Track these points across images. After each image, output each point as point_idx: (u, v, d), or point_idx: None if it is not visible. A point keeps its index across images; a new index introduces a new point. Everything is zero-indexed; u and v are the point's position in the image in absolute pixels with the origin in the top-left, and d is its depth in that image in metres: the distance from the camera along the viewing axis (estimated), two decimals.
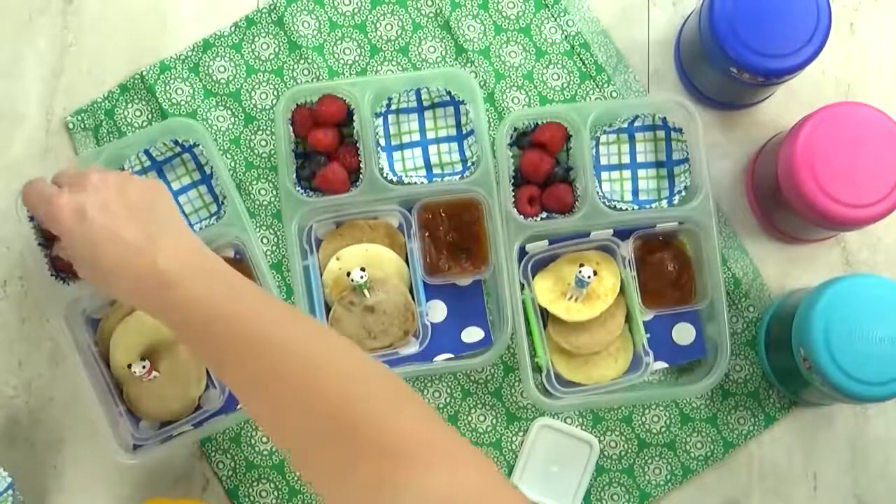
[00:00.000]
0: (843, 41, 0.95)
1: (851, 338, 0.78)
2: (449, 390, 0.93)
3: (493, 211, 0.88)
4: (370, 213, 0.90)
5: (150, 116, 0.94)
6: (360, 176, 0.88)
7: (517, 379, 0.92)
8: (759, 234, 0.94)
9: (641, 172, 0.93)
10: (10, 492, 0.83)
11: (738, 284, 0.93)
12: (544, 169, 0.89)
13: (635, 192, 0.93)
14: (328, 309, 0.89)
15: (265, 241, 0.93)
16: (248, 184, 0.94)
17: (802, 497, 0.92)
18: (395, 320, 0.88)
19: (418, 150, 0.93)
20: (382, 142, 0.91)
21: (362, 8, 0.96)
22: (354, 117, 0.89)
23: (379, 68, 0.95)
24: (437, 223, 0.89)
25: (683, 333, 0.91)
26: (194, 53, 0.95)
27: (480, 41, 0.95)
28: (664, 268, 0.90)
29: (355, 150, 0.89)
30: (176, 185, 0.92)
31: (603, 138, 0.92)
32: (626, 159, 0.93)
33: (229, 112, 0.94)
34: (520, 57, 0.95)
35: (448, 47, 0.95)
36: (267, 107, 0.95)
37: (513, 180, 0.89)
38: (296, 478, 0.92)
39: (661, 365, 0.91)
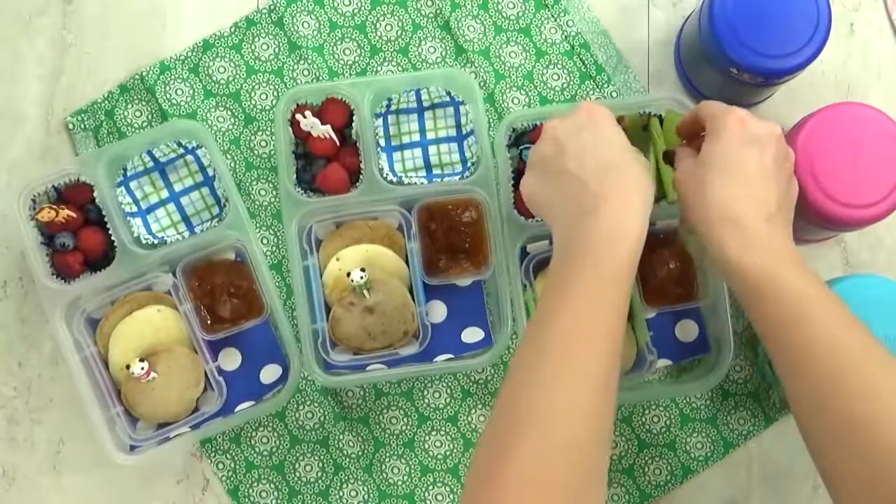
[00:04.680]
0: (843, 41, 0.95)
1: None
2: (449, 390, 0.93)
3: (493, 211, 0.88)
4: (370, 214, 0.90)
5: (149, 117, 0.94)
6: (360, 176, 0.88)
7: None
8: None
9: None
10: None
11: None
12: None
13: None
14: (328, 309, 0.89)
15: (265, 241, 0.93)
16: (248, 184, 0.94)
17: (802, 497, 0.92)
18: (395, 321, 0.88)
19: (418, 151, 0.93)
20: (382, 142, 0.91)
21: (362, 8, 0.96)
22: (354, 118, 0.89)
23: (379, 69, 0.95)
24: (437, 224, 0.89)
25: (687, 330, 0.91)
26: (194, 54, 0.95)
27: (480, 41, 0.95)
28: (666, 265, 0.90)
29: (355, 151, 0.89)
30: (178, 187, 0.92)
31: None
32: None
33: (229, 112, 0.94)
34: (520, 57, 0.95)
35: (448, 47, 0.95)
36: (267, 107, 0.95)
37: (513, 180, 0.89)
38: (296, 478, 0.92)
39: (666, 362, 0.91)
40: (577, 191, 0.72)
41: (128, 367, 0.85)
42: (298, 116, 0.86)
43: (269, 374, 0.90)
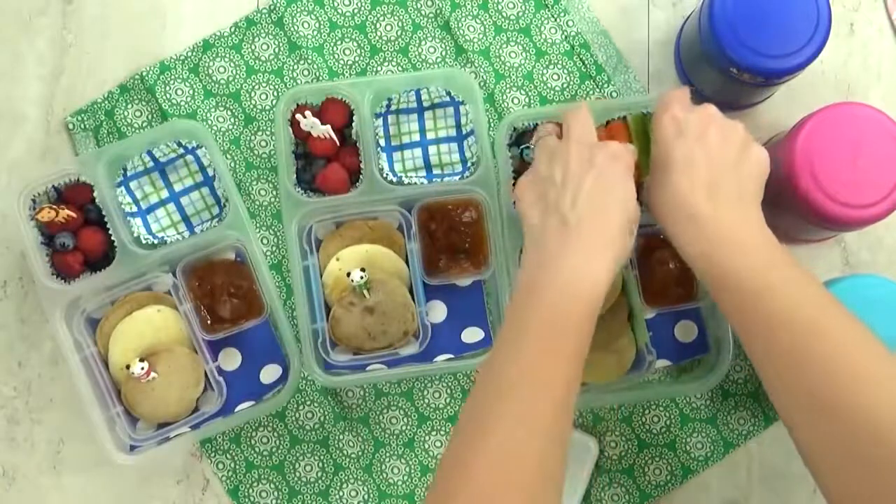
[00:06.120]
0: (843, 41, 0.95)
1: None
2: (449, 390, 0.93)
3: (493, 211, 0.88)
4: (370, 214, 0.90)
5: (149, 117, 0.94)
6: (360, 176, 0.88)
7: None
8: None
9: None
10: None
11: None
12: None
13: None
14: (328, 309, 0.89)
15: (265, 241, 0.93)
16: (247, 184, 0.94)
17: (802, 497, 0.92)
18: (395, 321, 0.88)
19: (418, 151, 0.93)
20: (382, 142, 0.91)
21: (362, 8, 0.96)
22: (354, 118, 0.89)
23: (379, 69, 0.95)
24: (437, 224, 0.89)
25: (686, 331, 0.91)
26: (194, 54, 0.95)
27: (480, 41, 0.95)
28: (665, 266, 0.90)
29: (355, 151, 0.89)
30: (178, 187, 0.92)
31: None
32: None
33: (229, 112, 0.94)
34: (520, 57, 0.95)
35: (448, 47, 0.95)
36: (267, 107, 0.95)
37: (513, 180, 0.89)
38: (296, 478, 0.92)
39: (665, 363, 0.91)
40: (558, 227, 0.72)
41: (128, 367, 0.85)
42: (298, 116, 0.86)
43: (269, 374, 0.90)
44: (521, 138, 0.91)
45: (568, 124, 0.78)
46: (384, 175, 0.89)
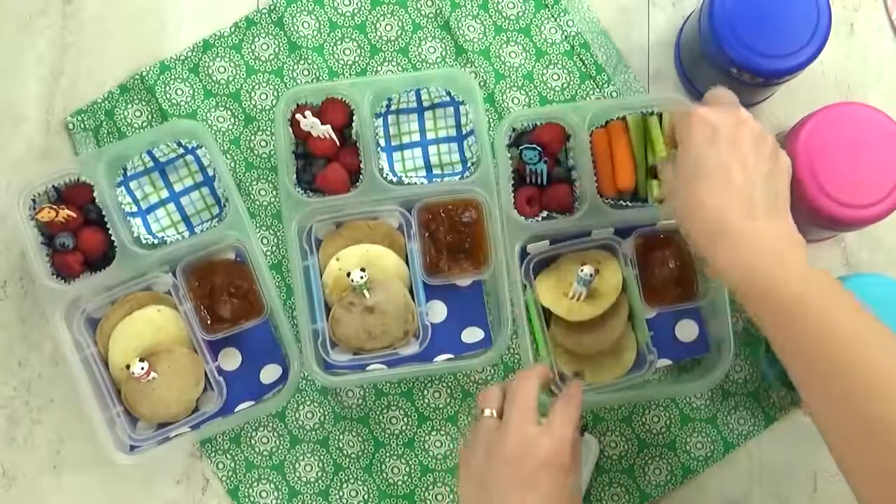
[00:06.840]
0: (843, 41, 0.95)
1: None
2: (449, 390, 0.93)
3: (493, 211, 0.88)
4: (370, 214, 0.90)
5: (149, 117, 0.94)
6: (360, 176, 0.88)
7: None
8: None
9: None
10: None
11: None
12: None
13: None
14: (328, 309, 0.89)
15: (265, 241, 0.93)
16: (247, 184, 0.94)
17: (802, 497, 0.92)
18: (395, 321, 0.88)
19: (418, 151, 0.93)
20: (382, 142, 0.91)
21: (362, 8, 0.96)
22: (354, 118, 0.89)
23: (379, 69, 0.95)
24: (437, 224, 0.89)
25: (686, 330, 0.91)
26: (194, 54, 0.95)
27: (480, 41, 0.95)
28: (665, 265, 0.90)
29: (355, 151, 0.89)
30: (178, 187, 0.92)
31: None
32: None
33: (229, 112, 0.94)
34: (520, 57, 0.95)
35: (448, 47, 0.95)
36: (267, 107, 0.95)
37: (512, 180, 0.89)
38: (296, 478, 0.92)
39: (666, 362, 0.91)
40: None
41: (128, 367, 0.85)
42: (298, 116, 0.87)
43: (269, 374, 0.91)
44: (521, 138, 0.91)
45: (510, 399, 0.73)
46: (384, 175, 0.89)
